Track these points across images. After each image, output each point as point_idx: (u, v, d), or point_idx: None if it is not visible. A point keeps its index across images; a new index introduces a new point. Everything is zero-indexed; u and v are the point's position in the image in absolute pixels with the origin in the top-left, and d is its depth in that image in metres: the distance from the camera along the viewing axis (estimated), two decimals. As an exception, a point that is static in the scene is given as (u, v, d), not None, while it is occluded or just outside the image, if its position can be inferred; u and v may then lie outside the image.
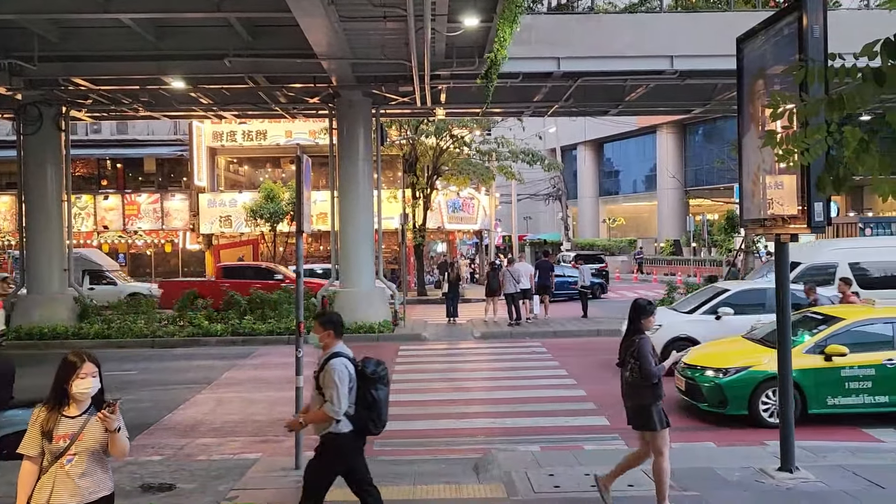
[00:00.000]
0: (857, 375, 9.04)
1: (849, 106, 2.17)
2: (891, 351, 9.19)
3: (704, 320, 12.68)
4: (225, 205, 31.08)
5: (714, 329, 12.24)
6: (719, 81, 19.12)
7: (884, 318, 9.77)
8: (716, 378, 9.39)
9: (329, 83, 18.21)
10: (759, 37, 7.88)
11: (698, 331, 12.46)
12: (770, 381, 8.87)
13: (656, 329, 11.96)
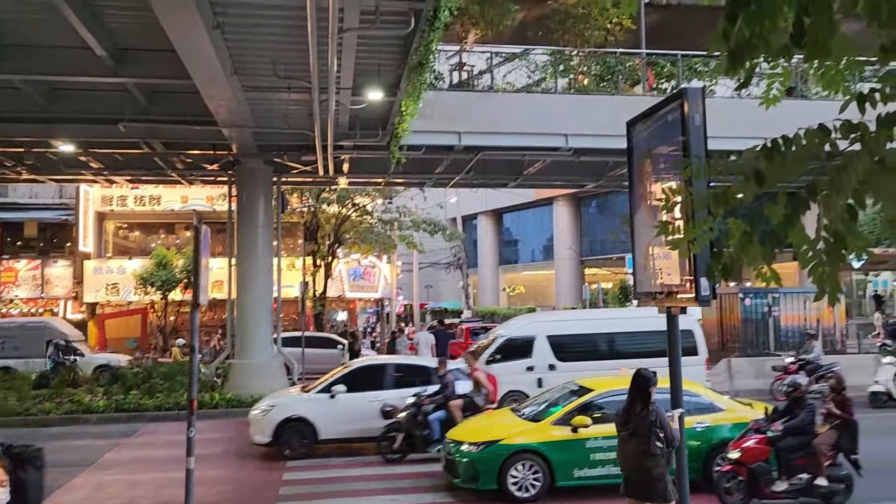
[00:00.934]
0: (602, 446, 9.06)
1: (732, 201, 2.35)
2: None
3: (319, 399, 12.16)
4: (112, 272, 29.63)
5: (329, 408, 11.97)
6: (610, 159, 20.17)
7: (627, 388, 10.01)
8: (469, 452, 9.29)
9: (229, 150, 17.98)
10: (646, 121, 8.42)
11: (314, 410, 12.02)
12: (520, 453, 9.09)
13: (269, 409, 12.10)
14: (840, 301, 20.54)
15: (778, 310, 20.30)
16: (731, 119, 16.74)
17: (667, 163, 8.37)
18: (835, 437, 8.72)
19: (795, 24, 2.15)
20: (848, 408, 8.81)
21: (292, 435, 11.88)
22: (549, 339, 15.10)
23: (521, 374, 14.71)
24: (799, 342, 20.20)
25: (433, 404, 11.26)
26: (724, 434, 9.38)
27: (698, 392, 9.90)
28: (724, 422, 9.54)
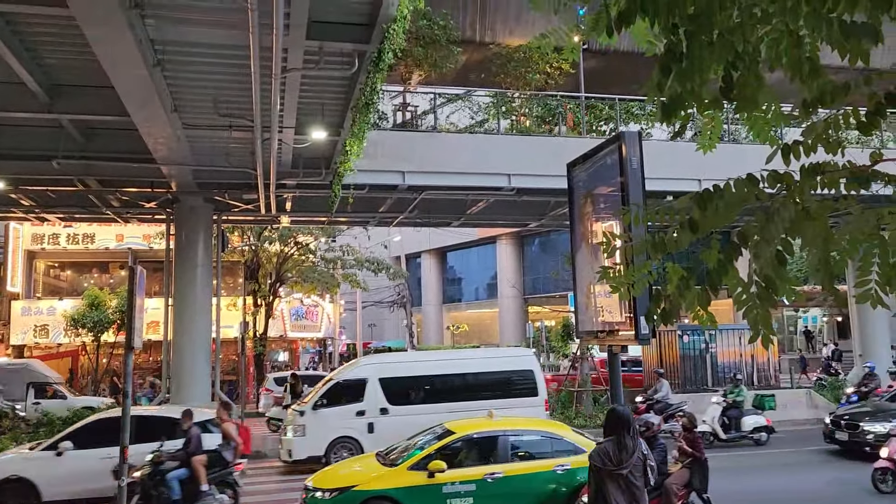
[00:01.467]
0: (459, 492, 8.89)
1: (669, 247, 2.42)
2: (493, 465, 9.19)
3: (43, 457, 11.29)
4: (42, 313, 28.47)
5: (54, 467, 11.12)
6: (552, 199, 20.54)
7: (491, 431, 9.72)
8: (322, 499, 8.99)
9: (168, 188, 17.62)
10: (586, 163, 8.64)
11: (35, 469, 11.15)
12: (374, 500, 8.80)
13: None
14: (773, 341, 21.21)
15: (715, 346, 20.81)
16: (667, 161, 17.31)
17: (606, 203, 8.60)
18: (687, 475, 8.72)
19: (725, 78, 2.26)
20: (698, 446, 8.88)
21: (11, 497, 10.84)
22: (381, 382, 14.69)
23: (351, 419, 14.39)
24: (731, 378, 20.74)
25: (175, 461, 10.25)
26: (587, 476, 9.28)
27: (561, 434, 9.75)
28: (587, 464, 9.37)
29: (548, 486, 9.09)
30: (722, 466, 13.08)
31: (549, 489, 9.08)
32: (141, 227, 27.84)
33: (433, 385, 14.97)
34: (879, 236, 2.32)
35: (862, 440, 13.61)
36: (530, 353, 16.37)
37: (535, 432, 9.93)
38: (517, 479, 9.07)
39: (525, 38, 20.11)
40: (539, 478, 9.14)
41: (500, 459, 9.24)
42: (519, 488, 9.05)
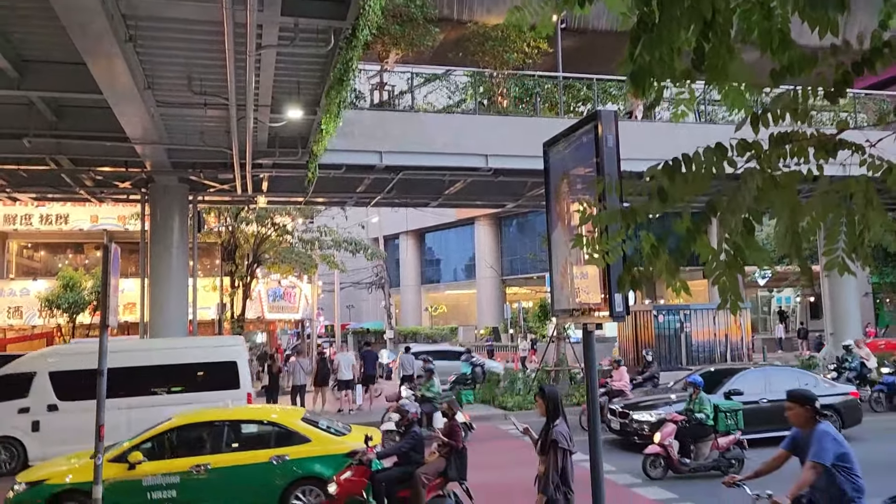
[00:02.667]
0: (161, 484, 8.53)
1: (640, 217, 2.45)
2: (202, 456, 8.88)
3: None
4: (15, 294, 28.04)
5: None
6: (529, 179, 20.61)
7: (204, 420, 9.45)
8: (18, 492, 8.61)
9: (143, 168, 17.40)
10: (562, 142, 8.64)
11: None
12: (67, 493, 8.36)
13: None
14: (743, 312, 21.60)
15: (689, 326, 21.09)
16: (643, 142, 17.37)
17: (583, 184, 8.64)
18: (442, 465, 8.46)
19: (696, 50, 2.28)
20: (456, 435, 8.57)
21: None
22: (52, 376, 13.41)
23: (14, 417, 13.21)
24: (709, 355, 21.07)
25: None
26: (309, 467, 8.92)
27: (286, 423, 9.39)
28: (310, 454, 9.02)
29: (262, 477, 8.85)
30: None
31: (262, 481, 8.84)
32: (116, 207, 27.48)
33: (118, 378, 12.50)
34: (846, 207, 2.36)
35: (632, 429, 13.25)
36: (237, 343, 15.11)
37: (255, 422, 9.68)
38: (227, 471, 8.77)
39: (503, 16, 20.02)
40: (251, 469, 8.83)
41: (212, 450, 8.98)
42: (228, 480, 8.74)
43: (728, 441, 11.07)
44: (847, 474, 4.89)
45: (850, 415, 13.79)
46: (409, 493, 8.18)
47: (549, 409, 6.05)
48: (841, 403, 13.76)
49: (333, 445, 9.08)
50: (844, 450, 4.99)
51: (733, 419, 11.25)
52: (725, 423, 11.16)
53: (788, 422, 5.51)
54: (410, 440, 8.49)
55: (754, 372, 14.37)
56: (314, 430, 9.32)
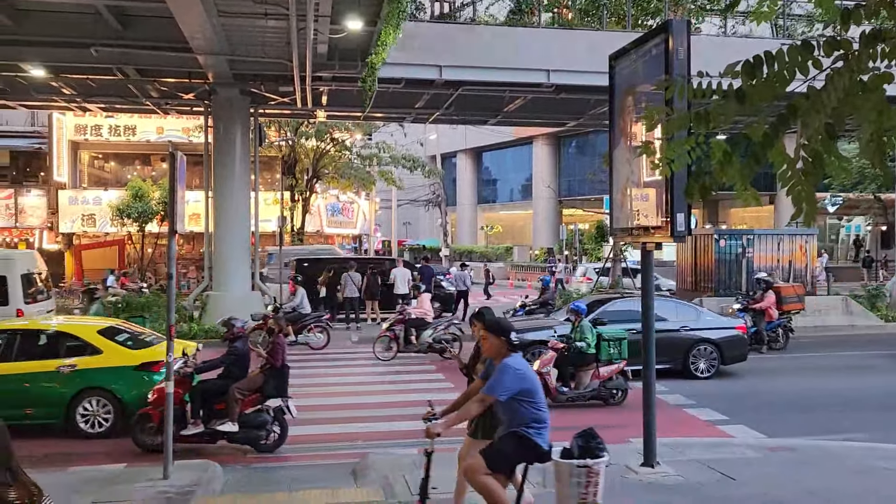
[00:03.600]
0: None
1: (713, 121, 2.35)
2: None
3: None
4: (88, 203, 29.19)
5: None
6: (592, 97, 20.02)
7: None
8: None
9: (205, 79, 17.57)
10: (629, 56, 8.32)
11: None
12: None
13: None
14: (810, 237, 20.92)
15: (752, 251, 20.58)
16: (716, 59, 16.62)
17: (650, 101, 8.34)
18: (260, 381, 8.44)
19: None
20: (276, 353, 8.46)
21: None
22: None
23: None
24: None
25: None
26: (96, 378, 9.03)
27: (82, 334, 9.46)
28: (99, 365, 9.12)
29: (49, 386, 9.01)
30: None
31: (49, 390, 9.00)
32: (180, 119, 28.00)
33: None
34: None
35: None
36: (8, 258, 14.28)
37: (47, 332, 9.65)
38: (13, 378, 8.92)
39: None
40: (38, 377, 8.99)
41: (1, 359, 9.10)
42: (15, 387, 8.88)
43: (610, 370, 10.56)
44: (528, 406, 4.86)
45: (731, 350, 12.97)
46: (224, 405, 8.33)
47: (488, 333, 5.89)
48: (721, 338, 12.94)
49: (125, 358, 9.21)
50: (527, 385, 4.88)
51: (617, 348, 10.70)
52: (608, 352, 10.61)
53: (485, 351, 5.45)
54: (230, 355, 8.57)
55: (625, 301, 13.50)
56: (108, 342, 9.33)
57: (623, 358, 10.71)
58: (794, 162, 2.29)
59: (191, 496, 6.46)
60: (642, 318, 7.79)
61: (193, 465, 7.44)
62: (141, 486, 6.73)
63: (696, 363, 12.79)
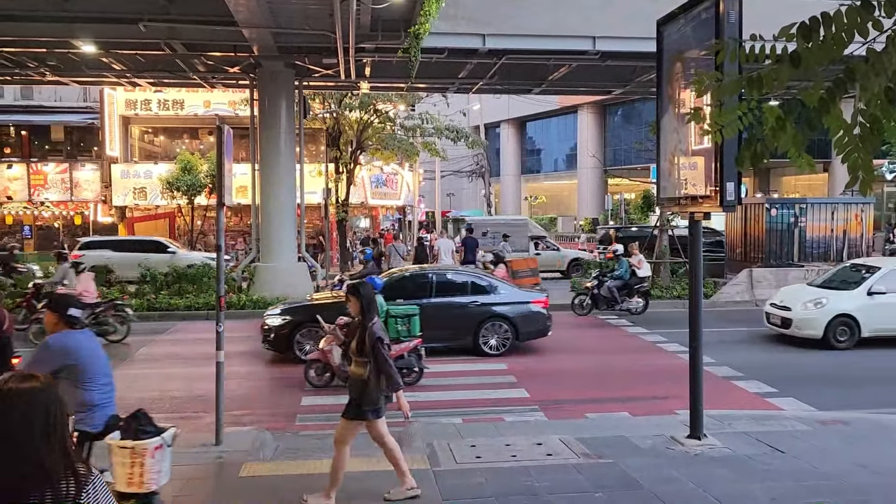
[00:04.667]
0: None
1: (766, 85, 2.27)
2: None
3: None
4: (139, 176, 29.87)
5: None
6: (639, 63, 19.58)
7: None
8: None
9: (250, 53, 17.70)
10: (678, 20, 8.10)
11: None
12: None
13: None
14: (866, 206, 20.20)
15: (805, 220, 20.04)
16: (770, 20, 16.05)
17: (699, 67, 8.12)
18: None
19: None
20: None
21: None
22: None
23: None
24: (824, 252, 20.10)
25: None
26: None
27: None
28: None
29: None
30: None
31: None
32: (226, 93, 28.31)
33: None
34: None
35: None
36: None
37: None
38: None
39: None
40: None
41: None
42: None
43: (399, 349, 9.87)
44: (76, 384, 4.71)
45: (526, 326, 12.32)
46: None
47: (363, 308, 5.73)
48: (514, 313, 12.29)
49: None
50: (71, 361, 4.70)
51: (405, 325, 10.28)
52: (396, 330, 10.15)
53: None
54: None
55: (419, 274, 13.12)
56: None
57: (414, 335, 10.30)
58: (851, 128, 2.20)
59: (242, 462, 6.65)
60: (689, 290, 7.67)
61: (245, 433, 7.65)
62: (195, 451, 6.95)
63: (487, 339, 12.23)
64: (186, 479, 6.17)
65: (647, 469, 6.41)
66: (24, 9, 15.49)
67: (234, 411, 8.76)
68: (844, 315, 12.68)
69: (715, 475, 6.25)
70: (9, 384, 2.15)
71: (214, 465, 6.63)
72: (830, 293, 13.21)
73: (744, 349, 12.80)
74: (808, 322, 12.85)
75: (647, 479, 6.12)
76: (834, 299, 12.91)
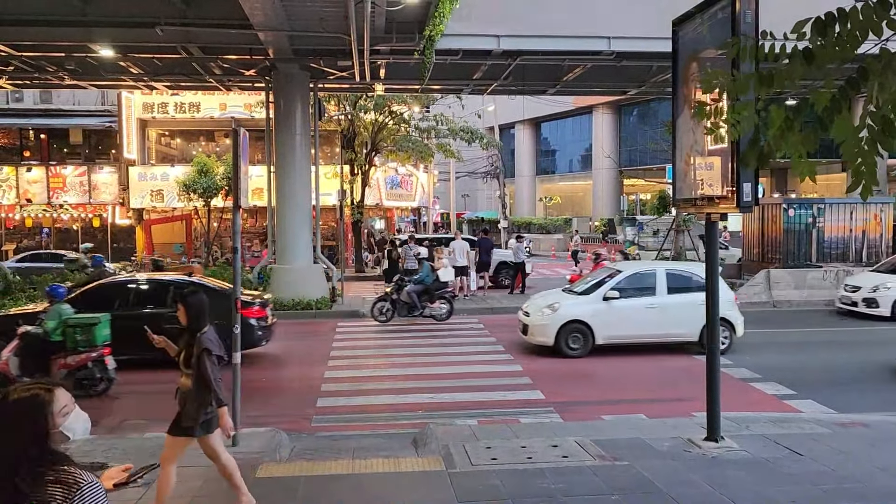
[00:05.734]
0: None
1: (777, 83, 2.24)
2: None
3: None
4: (156, 178, 30.13)
5: None
6: (654, 63, 19.50)
7: None
8: None
9: (266, 55, 17.80)
10: (694, 20, 8.06)
11: None
12: None
13: None
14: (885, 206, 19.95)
15: (822, 221, 19.85)
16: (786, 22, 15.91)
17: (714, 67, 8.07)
18: None
19: None
20: None
21: None
22: None
23: None
24: (842, 253, 19.90)
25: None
26: None
27: None
28: None
29: None
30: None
31: None
32: (242, 96, 28.50)
33: None
34: None
35: None
36: None
37: None
38: None
39: None
40: None
41: None
42: None
43: (78, 359, 9.63)
44: None
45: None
46: None
47: (191, 318, 5.45)
48: None
49: None
50: None
51: (85, 335, 9.74)
52: (75, 340, 9.70)
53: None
54: None
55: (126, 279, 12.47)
56: None
57: (97, 345, 9.81)
58: (858, 131, 2.17)
59: (258, 462, 6.69)
60: (706, 290, 7.62)
61: (261, 433, 7.69)
62: (212, 451, 7.00)
63: None
64: (204, 479, 6.22)
65: (663, 471, 6.37)
66: (42, 13, 15.69)
67: (251, 412, 8.81)
68: None
69: (733, 478, 6.20)
70: None
71: (231, 466, 6.67)
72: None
73: (762, 351, 12.70)
74: None
75: (664, 482, 6.09)
76: None
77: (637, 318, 12.28)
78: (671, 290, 12.41)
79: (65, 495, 2.09)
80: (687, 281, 12.53)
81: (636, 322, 12.30)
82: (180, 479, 5.57)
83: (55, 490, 2.09)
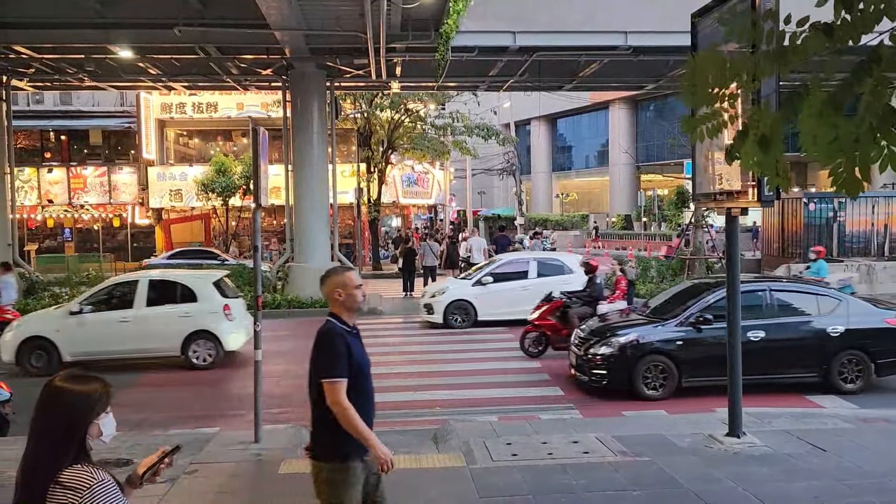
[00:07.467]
0: None
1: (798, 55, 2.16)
2: None
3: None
4: (175, 178, 30.41)
5: None
6: (672, 58, 19.37)
7: None
8: None
9: (282, 55, 17.89)
10: (713, 13, 7.99)
11: None
12: None
13: None
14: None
15: (843, 215, 19.65)
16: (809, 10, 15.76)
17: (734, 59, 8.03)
18: None
19: None
20: None
21: None
22: None
23: None
24: (864, 247, 19.70)
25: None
26: None
27: None
28: None
29: None
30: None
31: None
32: (259, 95, 28.67)
33: None
34: None
35: None
36: None
37: None
38: None
39: None
40: None
41: None
42: None
43: None
44: None
45: None
46: None
47: None
48: None
49: None
50: None
51: None
52: None
53: None
54: None
55: None
56: None
57: None
58: (850, 125, 2.09)
59: (281, 459, 6.74)
60: (727, 287, 7.57)
61: (283, 430, 7.75)
62: (234, 448, 7.07)
63: None
64: (228, 475, 6.28)
65: (685, 467, 6.35)
66: (62, 16, 15.87)
67: (272, 409, 8.88)
68: None
69: (755, 474, 6.17)
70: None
71: (254, 463, 6.73)
72: None
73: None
74: None
75: (686, 478, 6.07)
76: None
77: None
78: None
79: (74, 499, 2.15)
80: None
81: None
82: (204, 475, 5.63)
83: (65, 496, 2.15)
